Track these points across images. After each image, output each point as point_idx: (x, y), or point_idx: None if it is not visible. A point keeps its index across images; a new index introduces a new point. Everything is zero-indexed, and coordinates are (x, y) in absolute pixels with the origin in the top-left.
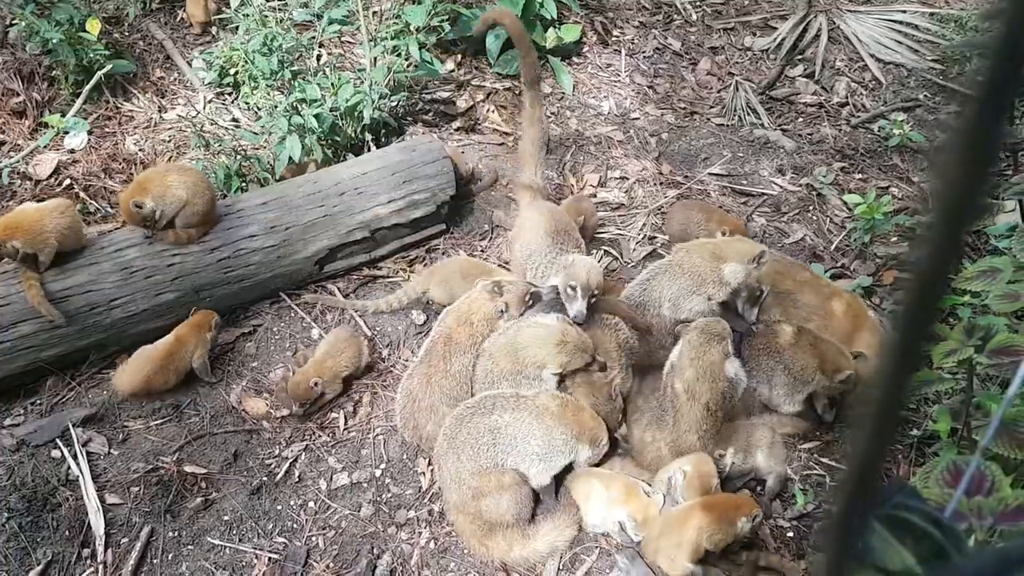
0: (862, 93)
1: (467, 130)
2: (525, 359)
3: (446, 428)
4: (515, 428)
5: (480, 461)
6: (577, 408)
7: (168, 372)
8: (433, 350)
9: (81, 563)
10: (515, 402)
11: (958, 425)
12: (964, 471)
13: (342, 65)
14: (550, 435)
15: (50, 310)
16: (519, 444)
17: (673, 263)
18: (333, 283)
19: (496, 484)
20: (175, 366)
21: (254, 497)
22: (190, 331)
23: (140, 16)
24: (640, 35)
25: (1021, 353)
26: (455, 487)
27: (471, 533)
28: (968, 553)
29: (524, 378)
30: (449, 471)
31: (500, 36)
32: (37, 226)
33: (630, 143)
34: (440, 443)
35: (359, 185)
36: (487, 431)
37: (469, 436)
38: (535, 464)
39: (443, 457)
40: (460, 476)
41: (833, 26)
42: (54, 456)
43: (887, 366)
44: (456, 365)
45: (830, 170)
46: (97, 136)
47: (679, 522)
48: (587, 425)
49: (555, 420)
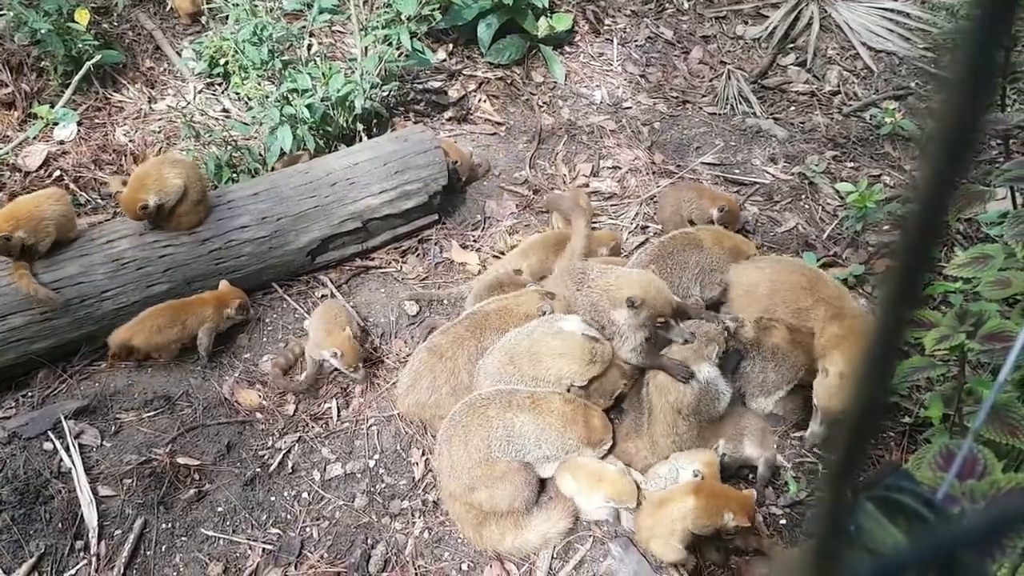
0: (854, 81)
1: (459, 120)
2: (550, 371)
3: (455, 413)
4: (530, 429)
5: (492, 453)
6: (588, 412)
7: (175, 326)
8: (473, 319)
9: (74, 555)
10: (531, 403)
11: (950, 411)
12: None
13: (333, 55)
14: (562, 439)
15: (47, 294)
16: (531, 445)
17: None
18: (325, 274)
19: (499, 474)
20: (185, 320)
21: (248, 488)
22: (212, 299)
23: (129, 6)
24: (632, 24)
25: (1013, 339)
26: (455, 475)
27: (466, 520)
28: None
29: (541, 383)
30: (452, 457)
31: (491, 25)
32: (37, 213)
33: (622, 132)
34: (446, 427)
35: (351, 175)
36: (502, 426)
37: (481, 428)
38: (546, 465)
39: (448, 442)
40: (464, 464)
41: (825, 14)
42: (46, 448)
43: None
44: (485, 343)
45: (822, 158)
46: (87, 127)
47: (663, 504)
48: (596, 429)
49: (569, 425)
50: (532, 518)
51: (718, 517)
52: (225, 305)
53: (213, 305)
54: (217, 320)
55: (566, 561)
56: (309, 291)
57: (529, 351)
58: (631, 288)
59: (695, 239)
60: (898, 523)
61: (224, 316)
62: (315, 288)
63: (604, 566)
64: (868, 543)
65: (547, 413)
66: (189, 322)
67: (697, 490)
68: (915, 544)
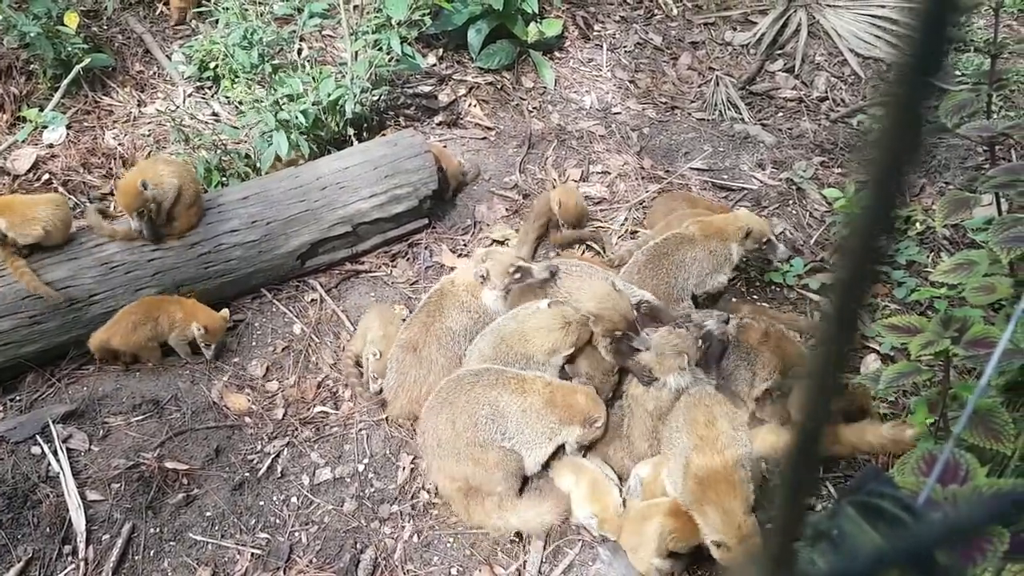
0: (841, 88)
1: (449, 124)
2: (537, 346)
3: (442, 389)
4: (513, 410)
5: (477, 434)
6: (571, 393)
7: (148, 323)
8: (428, 304)
9: (62, 560)
10: (516, 384)
11: (935, 416)
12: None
13: (323, 59)
14: (544, 422)
15: (48, 292)
16: (514, 429)
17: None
18: (314, 278)
19: (485, 458)
20: (157, 317)
21: (236, 493)
22: (185, 307)
23: (119, 10)
24: (621, 30)
25: (996, 344)
26: (440, 451)
27: (454, 496)
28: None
29: (535, 363)
30: (439, 434)
31: (481, 30)
32: (29, 213)
33: (612, 137)
34: (432, 403)
35: (341, 180)
36: (487, 404)
37: (468, 405)
38: (532, 452)
39: (433, 418)
40: (450, 442)
41: (813, 21)
42: (34, 453)
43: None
44: (448, 322)
45: (810, 164)
46: (76, 130)
47: (643, 519)
48: (580, 407)
49: (549, 406)
50: (520, 503)
51: (696, 533)
52: (194, 318)
53: (183, 312)
54: (185, 329)
55: (555, 565)
56: (298, 295)
57: (517, 331)
58: (588, 301)
59: (687, 237)
60: (878, 528)
61: (193, 333)
62: (304, 292)
63: (593, 570)
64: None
65: (530, 394)
66: (161, 320)
67: (675, 511)
68: (872, 552)
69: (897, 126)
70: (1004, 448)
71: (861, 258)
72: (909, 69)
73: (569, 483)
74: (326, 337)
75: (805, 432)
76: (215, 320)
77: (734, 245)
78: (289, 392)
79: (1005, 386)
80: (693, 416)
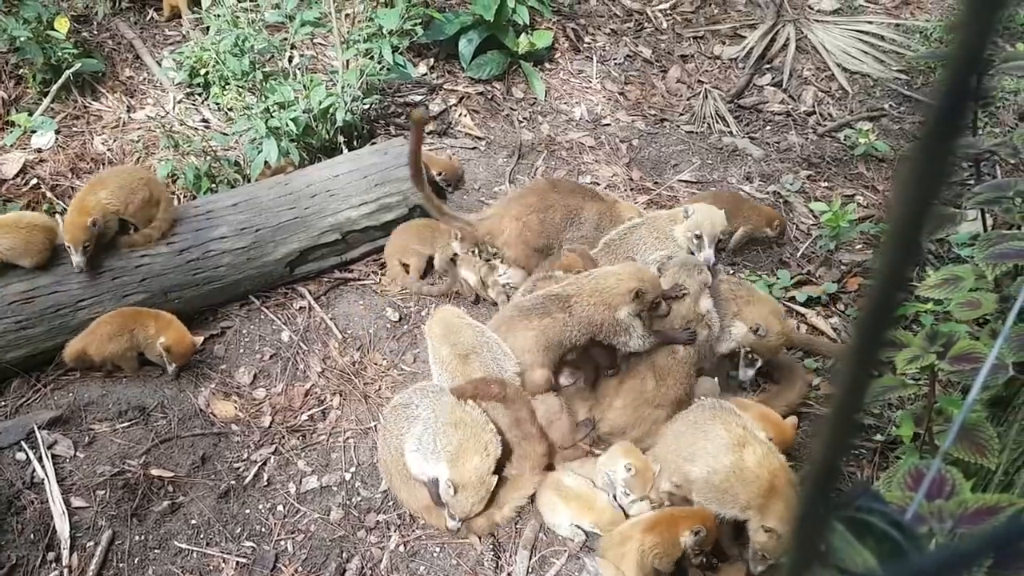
0: (829, 102)
1: (440, 134)
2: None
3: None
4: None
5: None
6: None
7: (124, 334)
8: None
9: (46, 567)
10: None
11: (920, 430)
12: (926, 475)
13: (314, 67)
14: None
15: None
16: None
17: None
18: (303, 285)
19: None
20: (133, 329)
21: (222, 501)
22: (160, 322)
23: (109, 15)
24: (611, 42)
25: (982, 360)
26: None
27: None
28: (924, 549)
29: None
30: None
31: (473, 40)
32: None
33: (601, 149)
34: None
35: (331, 187)
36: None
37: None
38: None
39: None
40: (389, 463)
41: (801, 36)
42: (19, 459)
43: (847, 370)
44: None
45: (797, 178)
46: (65, 135)
47: (622, 541)
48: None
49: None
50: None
51: (677, 545)
52: (163, 334)
53: (156, 326)
54: (155, 344)
55: (541, 574)
56: (287, 303)
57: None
58: (629, 282)
59: (630, 224)
60: (867, 544)
61: (143, 342)
62: (293, 300)
63: None
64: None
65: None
66: (136, 332)
67: (651, 526)
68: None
69: (926, 167)
70: (989, 462)
71: (887, 294)
72: (937, 115)
73: (551, 503)
74: (314, 345)
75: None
76: (182, 342)
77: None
78: (276, 400)
79: (990, 400)
80: (724, 419)
